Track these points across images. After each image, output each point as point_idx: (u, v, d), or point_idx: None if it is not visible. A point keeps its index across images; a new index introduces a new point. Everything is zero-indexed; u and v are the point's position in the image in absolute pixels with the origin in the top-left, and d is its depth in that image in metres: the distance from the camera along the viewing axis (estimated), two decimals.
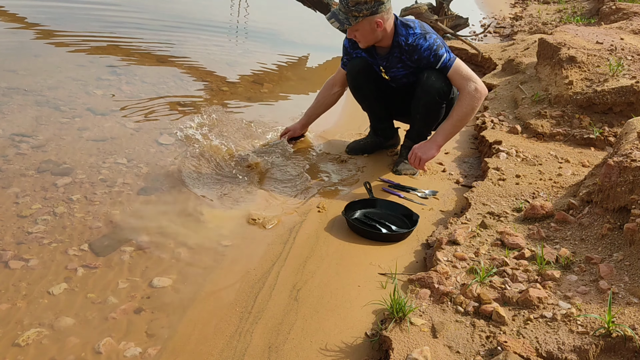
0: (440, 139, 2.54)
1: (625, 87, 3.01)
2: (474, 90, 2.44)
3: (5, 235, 1.93)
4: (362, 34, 2.46)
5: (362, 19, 2.38)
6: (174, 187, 2.39)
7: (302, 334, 1.58)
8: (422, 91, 2.54)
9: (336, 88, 2.92)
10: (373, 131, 3.03)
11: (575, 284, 1.68)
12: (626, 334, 1.38)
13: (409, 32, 2.49)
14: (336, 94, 2.95)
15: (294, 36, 5.91)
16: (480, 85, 2.46)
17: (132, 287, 1.74)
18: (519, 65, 4.14)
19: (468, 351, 1.43)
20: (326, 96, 2.95)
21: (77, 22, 5.07)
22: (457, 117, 2.48)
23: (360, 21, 2.39)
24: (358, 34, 2.46)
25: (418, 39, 2.46)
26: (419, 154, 2.53)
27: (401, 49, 2.52)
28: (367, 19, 2.38)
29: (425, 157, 2.53)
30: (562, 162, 2.77)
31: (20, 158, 2.48)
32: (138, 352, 1.48)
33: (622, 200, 1.84)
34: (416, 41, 2.46)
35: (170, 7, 6.43)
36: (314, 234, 2.15)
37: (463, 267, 1.83)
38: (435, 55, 2.46)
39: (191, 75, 4.03)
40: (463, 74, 2.48)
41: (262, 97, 3.80)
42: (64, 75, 3.64)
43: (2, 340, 1.48)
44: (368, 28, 2.42)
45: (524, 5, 8.94)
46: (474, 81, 2.46)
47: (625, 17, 5.52)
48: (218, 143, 2.86)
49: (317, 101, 2.98)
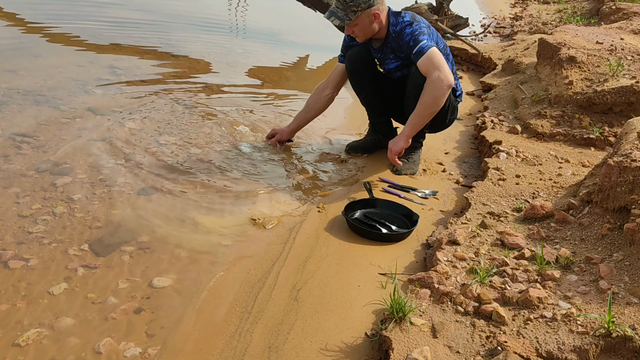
0: (407, 130, 2.52)
1: (625, 87, 3.01)
2: (436, 78, 2.35)
3: (5, 235, 1.93)
4: (360, 28, 2.49)
5: (361, 12, 2.42)
6: (174, 187, 2.39)
7: (302, 334, 1.58)
8: (411, 84, 2.55)
9: (327, 91, 2.86)
10: (372, 128, 3.03)
11: (575, 284, 1.68)
12: (626, 334, 1.39)
13: (398, 21, 2.53)
14: (327, 97, 2.87)
15: (294, 36, 5.91)
16: (445, 75, 2.36)
17: (132, 287, 1.74)
18: (519, 65, 4.14)
19: (468, 351, 1.43)
20: (317, 100, 2.88)
21: (77, 22, 5.07)
22: (420, 106, 2.43)
23: (359, 15, 2.43)
24: (357, 29, 2.50)
25: (405, 27, 2.50)
26: (390, 146, 2.56)
27: (392, 38, 2.56)
28: (365, 12, 2.43)
29: (394, 148, 2.54)
30: (562, 162, 2.77)
31: (20, 158, 2.48)
32: (138, 352, 1.48)
33: (622, 200, 1.84)
34: (403, 28, 2.50)
35: (170, 7, 6.43)
36: (314, 234, 2.15)
37: (463, 267, 1.83)
38: (415, 40, 2.43)
39: (191, 75, 4.03)
40: (433, 62, 2.38)
41: (262, 97, 3.79)
42: (64, 75, 3.64)
43: (2, 340, 1.48)
44: (367, 21, 2.47)
45: (524, 5, 8.95)
46: (440, 70, 2.36)
47: (625, 17, 5.52)
48: (218, 143, 2.86)
49: (308, 105, 2.91)
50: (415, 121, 2.50)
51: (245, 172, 2.62)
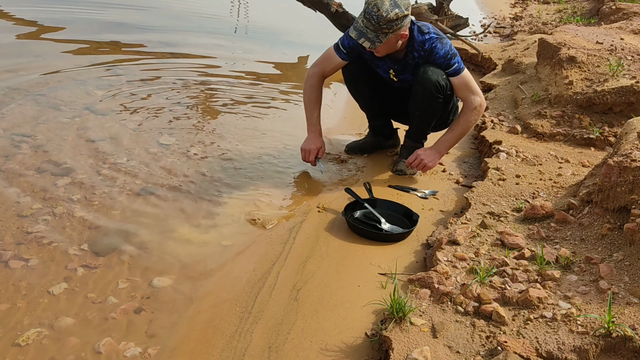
0: (443, 148, 2.63)
1: (625, 87, 3.01)
2: (479, 105, 2.53)
3: (5, 235, 1.93)
4: (385, 47, 2.40)
5: (392, 34, 2.33)
6: (174, 187, 2.39)
7: (302, 334, 1.58)
8: (418, 86, 2.53)
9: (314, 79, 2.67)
10: (372, 130, 3.03)
11: (575, 284, 1.68)
12: (626, 334, 1.39)
13: (425, 38, 2.47)
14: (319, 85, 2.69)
15: (294, 36, 5.91)
16: (483, 99, 2.56)
17: (132, 287, 1.74)
18: (519, 65, 4.14)
19: (468, 351, 1.43)
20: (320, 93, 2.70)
21: (77, 22, 5.07)
22: (460, 129, 2.58)
23: (390, 37, 2.34)
24: (382, 48, 2.40)
25: (435, 43, 2.46)
26: (426, 161, 2.59)
27: (417, 54, 2.51)
28: (394, 34, 2.34)
29: (430, 165, 2.61)
30: (562, 162, 2.77)
31: (20, 158, 2.48)
32: (138, 352, 1.48)
33: (622, 200, 1.84)
34: (433, 45, 2.46)
35: (170, 7, 6.44)
36: (314, 234, 2.15)
37: (463, 267, 1.83)
38: (448, 65, 2.49)
39: (191, 75, 4.03)
40: (470, 87, 2.53)
41: (262, 97, 3.79)
42: (64, 75, 3.64)
43: (2, 340, 1.48)
44: (394, 41, 2.39)
45: (524, 5, 8.94)
46: (479, 96, 2.54)
47: (625, 17, 5.52)
48: (217, 143, 2.86)
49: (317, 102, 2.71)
50: (452, 142, 2.63)
51: (246, 172, 2.62)
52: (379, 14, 2.25)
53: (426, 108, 2.62)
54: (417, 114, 2.68)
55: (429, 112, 2.65)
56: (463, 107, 2.57)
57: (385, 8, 2.25)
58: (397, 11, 2.26)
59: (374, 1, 2.28)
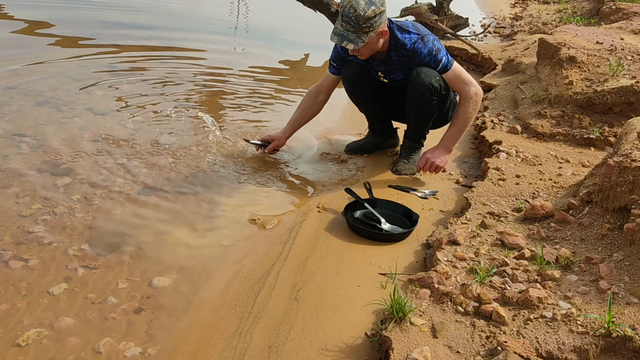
0: (450, 144, 2.64)
1: (625, 87, 3.01)
2: (474, 94, 2.52)
3: (5, 235, 1.93)
4: (368, 48, 2.39)
5: (372, 32, 2.32)
6: (174, 187, 2.39)
7: (302, 334, 1.58)
8: (412, 89, 2.54)
9: (322, 96, 2.77)
10: (372, 131, 3.03)
11: (575, 284, 1.68)
12: (626, 334, 1.39)
13: (404, 37, 2.46)
14: (321, 103, 2.79)
15: (294, 36, 5.91)
16: (479, 89, 2.55)
17: (132, 287, 1.74)
18: (519, 65, 4.14)
19: (468, 351, 1.43)
20: (311, 105, 2.78)
21: (77, 23, 5.08)
22: (462, 122, 2.58)
23: (371, 35, 2.33)
24: (364, 49, 2.39)
25: (417, 43, 2.45)
26: (437, 161, 2.60)
27: (399, 53, 2.50)
28: (375, 32, 2.33)
29: (442, 164, 2.63)
30: (562, 162, 2.77)
31: (20, 158, 2.48)
32: (138, 352, 1.48)
33: (622, 200, 1.84)
34: (415, 45, 2.45)
35: (170, 7, 6.44)
36: (314, 234, 2.15)
37: (463, 267, 1.83)
38: (435, 61, 2.49)
39: (191, 75, 4.03)
40: (462, 78, 2.53)
41: (261, 97, 3.79)
42: (64, 75, 3.64)
43: (2, 340, 1.48)
44: (375, 40, 2.38)
45: (524, 5, 8.94)
46: (473, 85, 2.53)
47: (625, 17, 5.52)
48: (219, 143, 2.86)
49: (302, 110, 2.79)
50: (457, 136, 2.63)
51: (246, 172, 2.62)
52: (357, 14, 2.26)
53: (421, 110, 2.62)
54: (413, 116, 2.69)
55: (425, 114, 2.66)
56: (460, 99, 2.57)
57: (362, 7, 2.26)
58: (373, 8, 2.28)
59: (348, 3, 2.28)
